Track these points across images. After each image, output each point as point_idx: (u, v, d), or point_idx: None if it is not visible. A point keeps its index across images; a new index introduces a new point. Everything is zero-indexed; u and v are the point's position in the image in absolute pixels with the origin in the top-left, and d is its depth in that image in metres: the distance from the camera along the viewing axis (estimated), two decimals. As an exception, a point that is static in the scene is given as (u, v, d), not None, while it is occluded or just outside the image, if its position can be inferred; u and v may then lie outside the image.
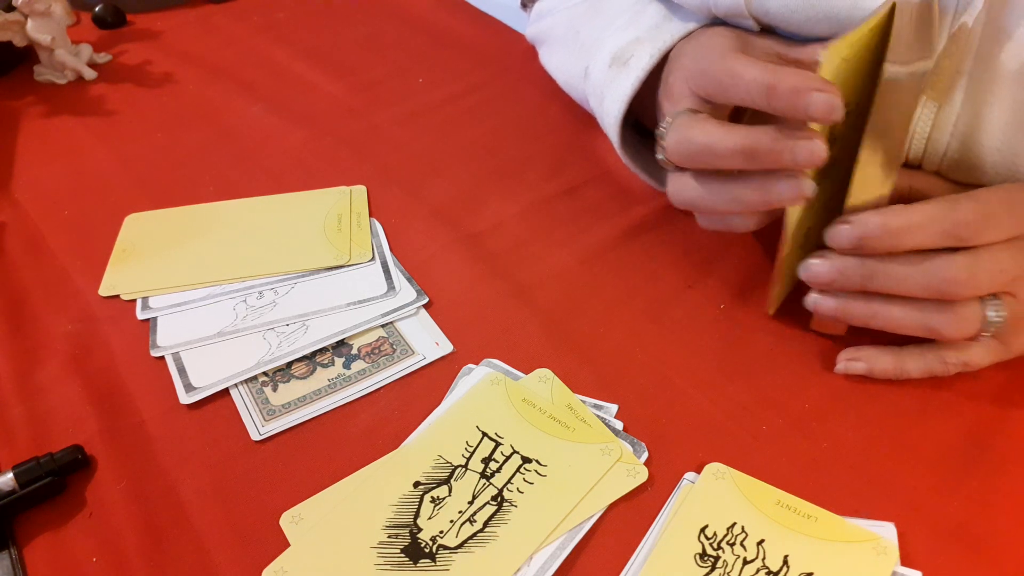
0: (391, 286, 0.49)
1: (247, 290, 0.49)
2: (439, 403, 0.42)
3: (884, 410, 0.40)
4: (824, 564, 0.34)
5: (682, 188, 0.42)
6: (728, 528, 0.35)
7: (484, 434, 0.40)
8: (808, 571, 0.34)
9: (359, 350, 0.45)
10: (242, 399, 0.42)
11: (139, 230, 0.54)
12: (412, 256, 0.51)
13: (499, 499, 0.37)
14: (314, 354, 0.45)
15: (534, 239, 0.52)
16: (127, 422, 0.41)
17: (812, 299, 0.41)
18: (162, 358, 0.45)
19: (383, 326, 0.46)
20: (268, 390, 0.43)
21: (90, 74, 0.73)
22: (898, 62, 0.35)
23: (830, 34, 0.41)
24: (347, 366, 0.44)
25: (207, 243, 0.53)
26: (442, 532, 0.36)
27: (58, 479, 0.38)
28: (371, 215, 0.55)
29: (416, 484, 0.38)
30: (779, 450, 0.39)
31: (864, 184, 0.38)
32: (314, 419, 0.41)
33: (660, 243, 0.51)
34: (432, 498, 0.37)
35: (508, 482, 0.38)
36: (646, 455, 0.39)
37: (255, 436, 0.40)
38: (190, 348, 0.45)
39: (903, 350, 0.40)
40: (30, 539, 0.37)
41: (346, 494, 0.37)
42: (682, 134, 0.40)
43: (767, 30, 0.45)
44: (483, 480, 0.38)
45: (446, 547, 0.35)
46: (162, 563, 0.35)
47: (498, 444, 0.39)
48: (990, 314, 0.37)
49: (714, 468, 0.38)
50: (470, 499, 0.37)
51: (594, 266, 0.50)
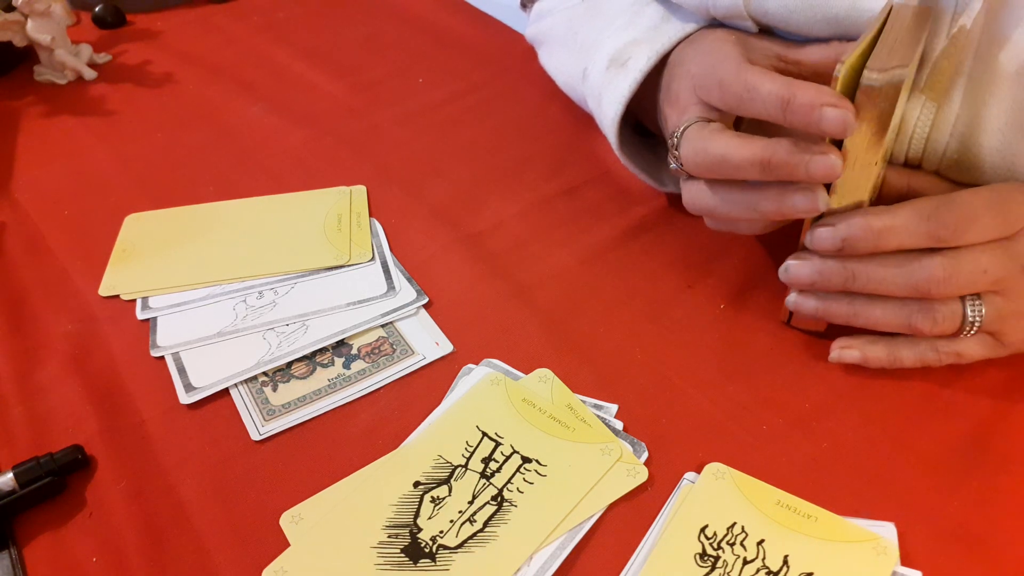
0: (391, 286, 0.49)
1: (247, 290, 0.49)
2: (439, 403, 0.42)
3: (884, 410, 0.40)
4: (824, 564, 0.34)
5: (697, 196, 0.42)
6: (728, 528, 0.35)
7: (484, 434, 0.40)
8: (808, 571, 0.34)
9: (359, 350, 0.45)
10: (242, 399, 0.42)
11: (139, 230, 0.54)
12: (412, 256, 0.51)
13: (499, 499, 0.37)
14: (314, 354, 0.45)
15: (534, 239, 0.52)
16: (127, 422, 0.42)
17: (792, 300, 0.42)
18: (162, 358, 0.45)
19: (383, 326, 0.46)
20: (268, 390, 0.43)
21: (90, 74, 0.73)
22: (876, 69, 0.34)
23: (829, 35, 0.42)
24: (347, 366, 0.44)
25: (207, 243, 0.53)
26: (442, 532, 0.36)
27: (58, 479, 0.38)
28: (371, 215, 0.55)
29: (416, 484, 0.38)
30: (779, 450, 0.39)
31: (845, 188, 0.38)
32: (314, 419, 0.41)
33: (660, 243, 0.51)
34: (432, 498, 0.37)
35: (508, 482, 0.38)
36: (646, 455, 0.39)
37: (255, 436, 0.40)
38: (190, 348, 0.45)
39: (896, 339, 0.40)
40: (30, 539, 0.37)
41: (346, 494, 0.37)
42: (697, 145, 0.40)
43: (766, 31, 0.45)
44: (483, 480, 0.38)
45: (446, 547, 0.35)
46: (162, 563, 0.35)
47: (498, 444, 0.39)
48: (969, 312, 0.37)
49: (714, 468, 0.38)
50: (470, 499, 0.37)
51: (594, 266, 0.50)
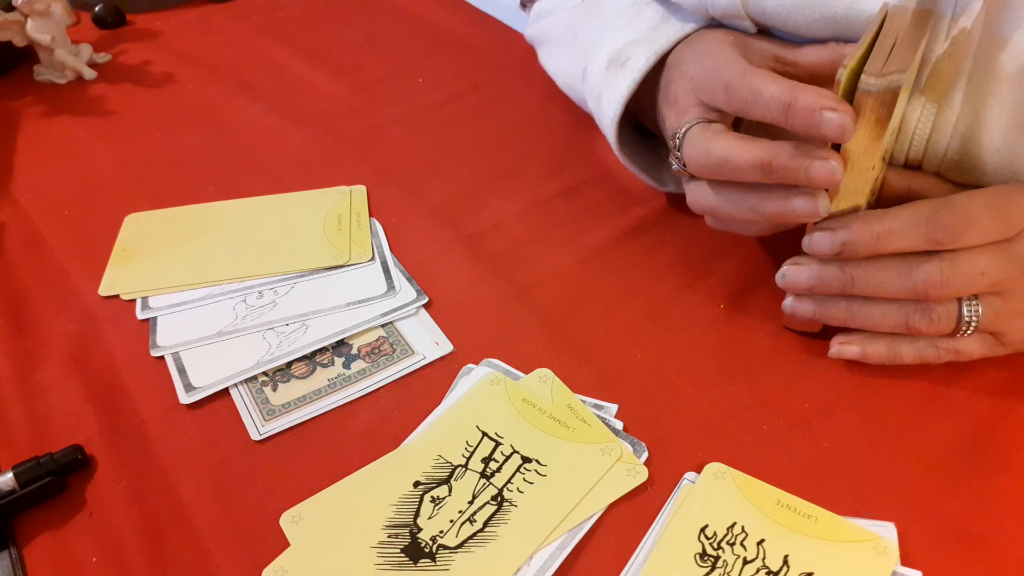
0: (391, 286, 0.49)
1: (247, 290, 0.49)
2: (439, 403, 0.42)
3: (884, 410, 0.40)
4: (824, 564, 0.34)
5: (700, 196, 0.42)
6: (728, 528, 0.35)
7: (484, 434, 0.40)
8: (808, 571, 0.34)
9: (359, 350, 0.45)
10: (242, 399, 0.42)
11: (139, 230, 0.54)
12: (412, 256, 0.51)
13: (499, 499, 0.37)
14: (314, 354, 0.45)
15: (534, 239, 0.52)
16: (127, 422, 0.42)
17: (789, 304, 0.42)
18: (162, 358, 0.45)
19: (383, 326, 0.46)
20: (268, 390, 0.43)
21: (90, 74, 0.73)
22: (873, 73, 0.34)
23: (827, 36, 0.41)
24: (347, 366, 0.44)
25: (207, 243, 0.53)
26: (442, 532, 0.36)
27: (58, 479, 0.38)
28: (371, 215, 0.55)
29: (416, 484, 0.38)
30: (779, 450, 0.39)
31: (843, 191, 0.38)
32: (314, 419, 0.41)
33: (660, 243, 0.51)
34: (432, 498, 0.37)
35: (508, 482, 0.38)
36: (646, 455, 0.39)
37: (255, 436, 0.40)
38: (190, 348, 0.45)
39: (896, 336, 0.40)
40: (30, 539, 0.37)
41: (346, 494, 0.37)
42: (700, 146, 0.40)
43: (764, 31, 0.45)
44: (483, 480, 0.38)
45: (446, 547, 0.35)
46: (162, 563, 0.35)
47: (498, 444, 0.39)
48: (965, 312, 0.38)
49: (714, 468, 0.38)
50: (470, 499, 0.37)
51: (594, 266, 0.50)
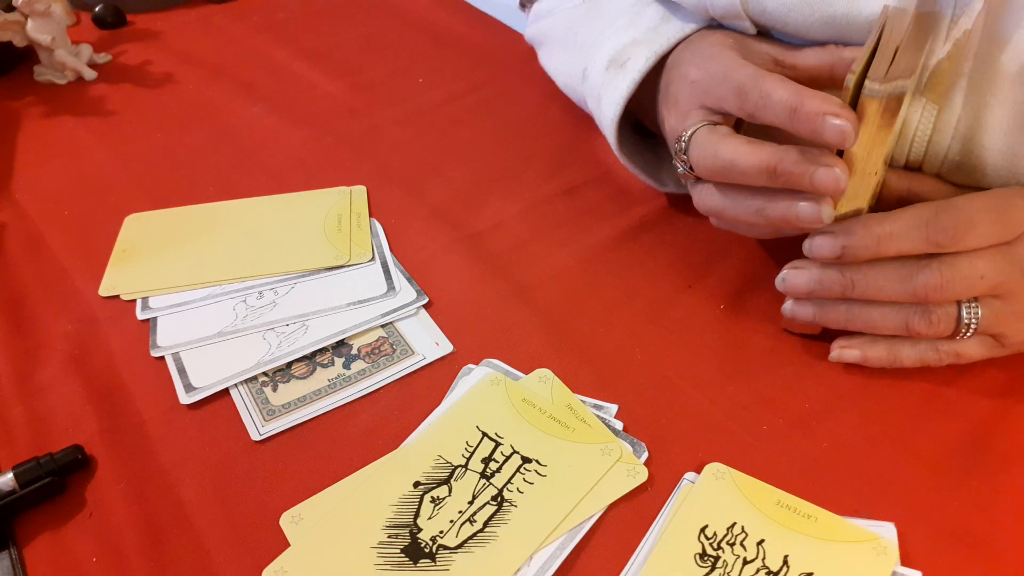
0: (391, 286, 0.49)
1: (247, 290, 0.49)
2: (439, 403, 0.42)
3: (884, 410, 0.40)
4: (824, 564, 0.34)
5: (706, 198, 0.42)
6: (728, 528, 0.35)
7: (484, 434, 0.40)
8: (808, 571, 0.34)
9: (359, 350, 0.45)
10: (242, 399, 0.42)
11: (139, 230, 0.54)
12: (412, 256, 0.51)
13: (499, 499, 0.37)
14: (314, 354, 0.45)
15: (534, 239, 0.52)
16: (127, 422, 0.41)
17: (789, 308, 0.42)
18: (162, 358, 0.45)
19: (383, 326, 0.46)
20: (268, 390, 0.43)
21: (90, 74, 0.73)
22: (877, 79, 0.34)
23: (827, 37, 0.41)
24: (347, 366, 0.44)
25: (207, 243, 0.53)
26: (442, 532, 0.36)
27: (58, 479, 0.38)
28: (371, 215, 0.55)
29: (416, 484, 0.38)
30: (779, 450, 0.39)
31: (845, 195, 0.38)
32: (314, 419, 0.41)
33: (660, 243, 0.51)
34: (432, 498, 0.37)
35: (508, 482, 0.38)
36: (646, 455, 0.39)
37: (255, 436, 0.40)
38: (190, 348, 0.45)
39: (897, 339, 0.41)
40: (30, 539, 0.37)
41: (346, 494, 0.37)
42: (708, 149, 0.40)
43: (763, 33, 0.45)
44: (483, 480, 0.38)
45: (446, 547, 0.35)
46: (162, 563, 0.35)
47: (498, 444, 0.39)
48: (964, 315, 0.38)
49: (714, 468, 0.38)
50: (470, 499, 0.37)
51: (594, 266, 0.50)
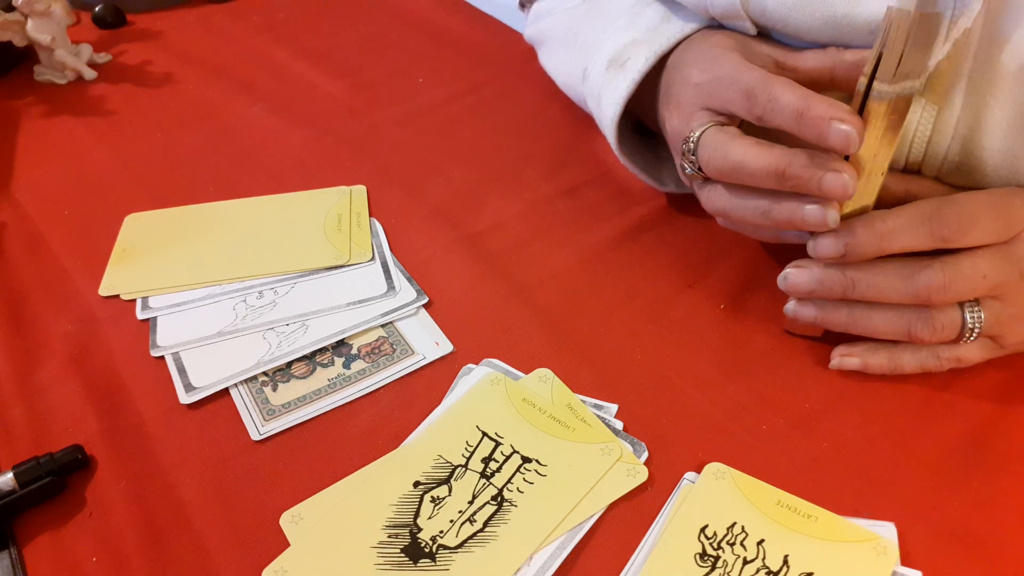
0: (391, 286, 0.49)
1: (247, 290, 0.49)
2: (439, 403, 0.42)
3: (884, 410, 0.40)
4: (824, 564, 0.34)
5: (714, 198, 0.42)
6: (728, 528, 0.35)
7: (484, 434, 0.40)
8: (808, 571, 0.34)
9: (359, 350, 0.45)
10: (242, 399, 0.42)
11: (139, 230, 0.54)
12: (412, 256, 0.51)
13: (499, 499, 0.37)
14: (314, 354, 0.45)
15: (534, 239, 0.52)
16: (127, 422, 0.41)
17: (791, 308, 0.42)
18: (162, 358, 0.45)
19: (383, 326, 0.46)
20: (268, 390, 0.43)
21: (90, 74, 0.73)
22: (886, 81, 0.34)
23: (827, 38, 0.41)
24: (347, 366, 0.44)
25: (207, 243, 0.53)
26: (442, 532, 0.36)
27: (58, 479, 0.38)
28: (371, 215, 0.55)
29: (416, 484, 0.38)
30: (779, 450, 0.39)
31: (852, 197, 0.38)
32: (314, 419, 0.41)
33: (660, 243, 0.51)
34: (432, 498, 0.37)
35: (508, 482, 0.38)
36: (646, 455, 0.39)
37: (255, 436, 0.40)
38: (190, 348, 0.45)
39: (897, 346, 0.40)
40: (30, 539, 0.37)
41: (346, 494, 0.37)
42: (718, 149, 0.40)
43: (764, 34, 0.45)
44: (483, 480, 0.38)
45: (446, 547, 0.35)
46: (162, 563, 0.35)
47: (498, 444, 0.39)
48: (968, 319, 0.37)
49: (714, 468, 0.38)
50: (470, 499, 0.37)
51: (594, 266, 0.50)
